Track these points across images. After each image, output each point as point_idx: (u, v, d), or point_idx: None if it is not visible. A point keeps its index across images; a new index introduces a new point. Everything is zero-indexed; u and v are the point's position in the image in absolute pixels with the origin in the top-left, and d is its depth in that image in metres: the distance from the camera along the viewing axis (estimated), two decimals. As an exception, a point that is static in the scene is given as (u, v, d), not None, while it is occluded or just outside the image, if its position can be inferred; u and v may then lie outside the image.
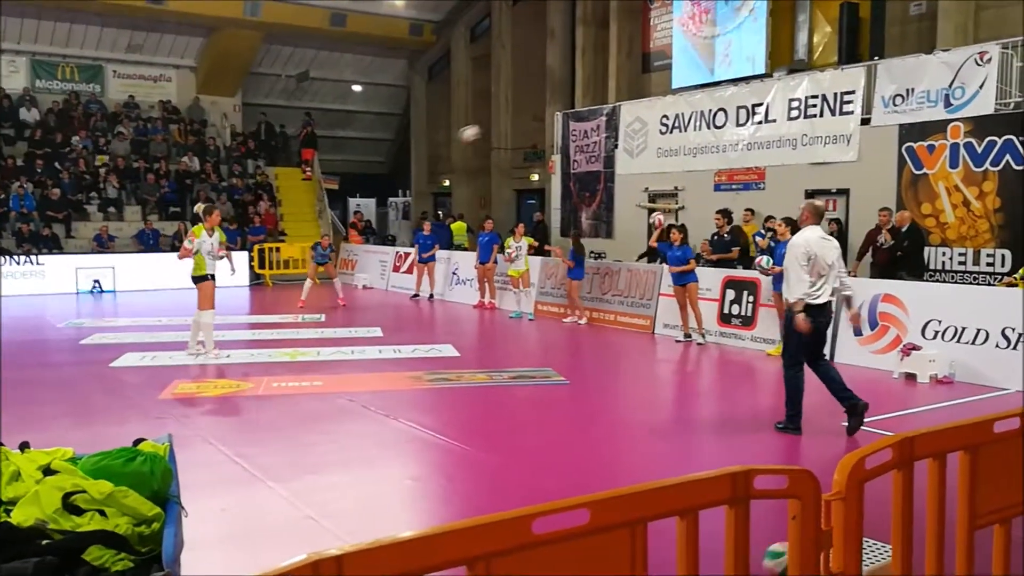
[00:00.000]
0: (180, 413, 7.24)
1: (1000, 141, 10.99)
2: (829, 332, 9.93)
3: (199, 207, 10.07)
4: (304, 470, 5.64)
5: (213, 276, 9.77)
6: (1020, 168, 10.81)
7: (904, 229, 10.74)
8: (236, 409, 7.50)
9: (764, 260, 10.32)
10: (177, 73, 24.82)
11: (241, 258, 19.92)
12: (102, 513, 2.76)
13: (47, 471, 2.94)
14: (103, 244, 19.13)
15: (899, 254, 10.61)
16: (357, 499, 5.14)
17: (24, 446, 3.20)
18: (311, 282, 15.65)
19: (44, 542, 2.62)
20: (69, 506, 2.76)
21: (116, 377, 8.84)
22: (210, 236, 9.66)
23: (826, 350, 7.13)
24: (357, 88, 28.05)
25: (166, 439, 3.39)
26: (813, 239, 6.50)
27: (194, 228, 9.70)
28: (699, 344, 11.27)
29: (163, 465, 3.05)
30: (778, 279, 10.07)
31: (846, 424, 6.59)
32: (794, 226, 10.16)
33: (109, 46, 23.46)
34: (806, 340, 6.50)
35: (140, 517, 2.79)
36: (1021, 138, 10.78)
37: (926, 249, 11.40)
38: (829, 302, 6.57)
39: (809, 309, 6.40)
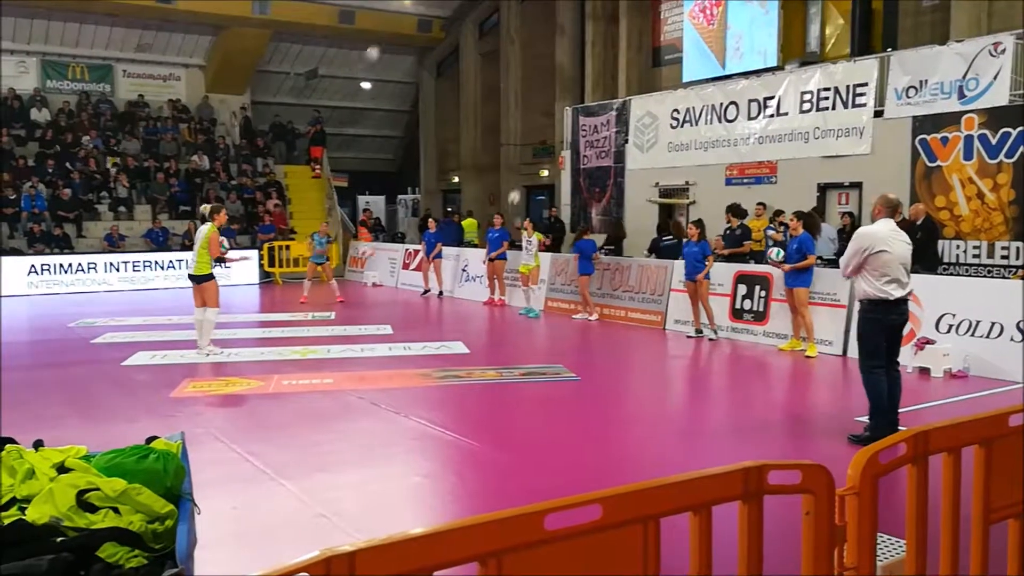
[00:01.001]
0: (191, 411, 7.27)
1: (1015, 133, 10.89)
2: (842, 325, 9.97)
3: (205, 208, 10.10)
4: (315, 468, 5.65)
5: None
6: (1034, 160, 10.72)
7: (918, 222, 10.65)
8: (247, 407, 7.52)
9: (774, 252, 10.28)
10: (186, 72, 24.89)
11: (251, 256, 20.02)
12: (116, 510, 2.77)
13: (61, 469, 2.95)
14: (113, 243, 19.22)
15: (913, 247, 10.53)
16: (368, 496, 5.15)
17: (38, 444, 3.21)
18: (309, 281, 15.87)
19: (58, 539, 2.63)
20: (83, 503, 2.77)
21: (128, 376, 8.88)
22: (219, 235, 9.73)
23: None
24: (366, 85, 28.06)
25: (179, 437, 3.39)
26: (884, 231, 6.13)
27: (210, 228, 9.71)
28: (711, 340, 11.23)
29: (176, 463, 3.05)
30: (791, 275, 10.05)
31: (857, 435, 6.22)
32: (806, 219, 10.16)
33: (118, 46, 23.56)
34: (880, 339, 6.12)
35: (153, 514, 2.79)
36: (1035, 129, 10.68)
37: (940, 242, 11.31)
38: (905, 298, 6.13)
39: (879, 305, 6.06)
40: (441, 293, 16.95)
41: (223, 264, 10.03)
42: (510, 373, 8.96)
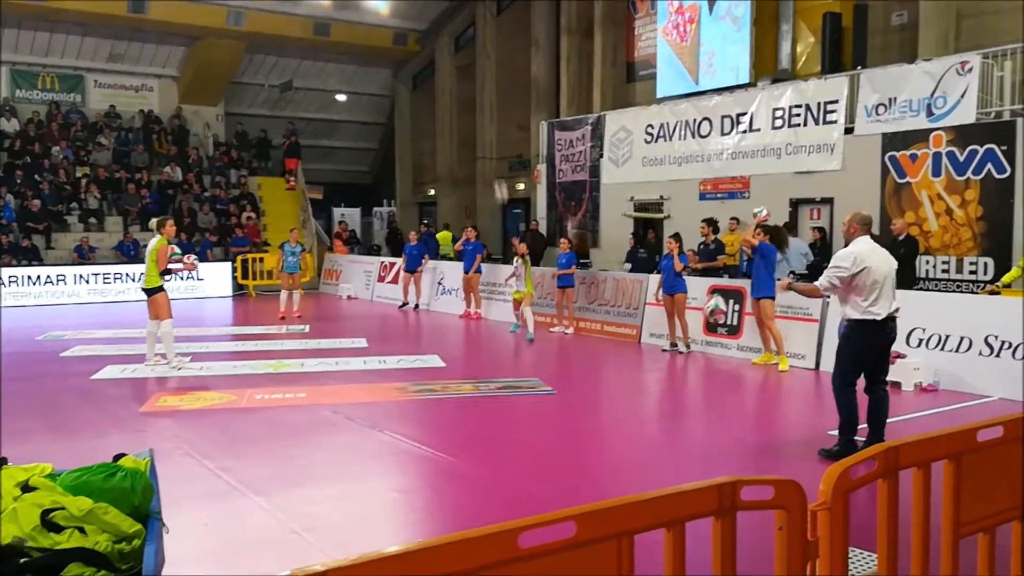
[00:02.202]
0: (162, 426, 7.18)
1: (982, 150, 11.08)
2: (814, 339, 10.05)
3: (153, 221, 10.08)
4: (288, 483, 5.59)
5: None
6: (1001, 177, 10.91)
7: (901, 238, 10.72)
8: (219, 422, 7.43)
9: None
10: (159, 83, 24.72)
11: (224, 269, 19.86)
12: (82, 530, 2.71)
13: (25, 488, 2.89)
14: (83, 255, 18.99)
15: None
16: (342, 512, 5.10)
17: (2, 462, 3.15)
18: (286, 293, 15.18)
19: (22, 560, 2.57)
20: (48, 523, 2.71)
21: (97, 390, 8.75)
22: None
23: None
24: (341, 98, 28.02)
25: (147, 454, 3.35)
26: (865, 251, 6.02)
27: (158, 241, 9.63)
28: (682, 353, 11.29)
29: (144, 481, 3.01)
30: (757, 286, 10.11)
31: (828, 449, 6.19)
32: (773, 233, 10.23)
33: (90, 56, 23.35)
34: (860, 359, 6.09)
35: (120, 534, 2.74)
36: (1002, 147, 10.87)
37: (917, 258, 11.41)
38: (892, 316, 6.04)
39: (865, 325, 5.98)
40: (417, 306, 16.90)
41: (170, 275, 9.91)
42: (486, 387, 8.94)
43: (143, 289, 9.83)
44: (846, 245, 6.28)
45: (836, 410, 6.29)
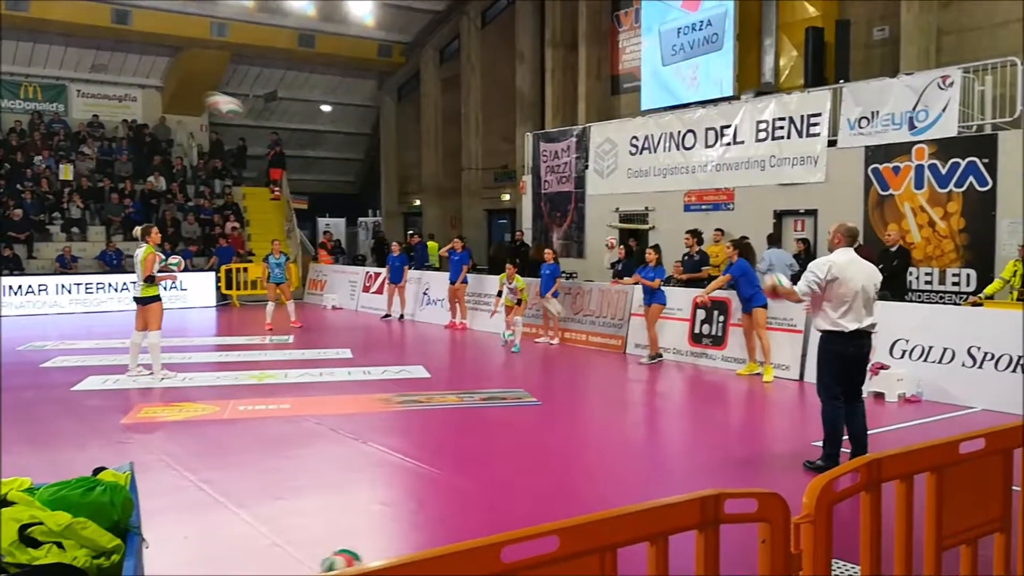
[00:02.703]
0: (143, 438, 7.11)
1: (963, 163, 11.19)
2: (799, 350, 10.09)
3: (137, 229, 10.04)
4: (270, 495, 5.55)
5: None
6: (983, 189, 11.02)
7: (893, 249, 10.70)
8: (201, 433, 7.37)
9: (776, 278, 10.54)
10: (143, 92, 24.64)
11: (208, 279, 19.75)
12: (60, 545, 2.68)
13: (2, 502, 2.85)
14: (65, 265, 18.84)
15: (886, 274, 10.66)
16: (325, 525, 5.06)
17: (-21, 476, 3.10)
18: (272, 304, 15.04)
19: (-2, 576, 2.54)
20: (25, 538, 2.68)
21: (78, 401, 8.67)
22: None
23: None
24: (326, 108, 28.01)
25: (127, 468, 3.31)
26: (840, 261, 6.02)
27: (146, 250, 9.59)
28: (643, 363, 11.42)
29: (123, 495, 2.97)
30: (747, 297, 10.17)
31: (812, 461, 6.22)
32: (743, 248, 10.29)
33: (73, 66, 23.26)
34: (835, 370, 6.07)
35: (99, 549, 2.71)
36: (984, 160, 10.98)
37: (909, 268, 11.44)
38: (861, 331, 6.01)
39: (835, 336, 6.00)
40: (402, 316, 16.85)
41: (155, 283, 9.83)
42: (471, 398, 8.92)
43: (138, 298, 9.71)
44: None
45: (815, 423, 6.31)
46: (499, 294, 13.31)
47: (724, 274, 10.48)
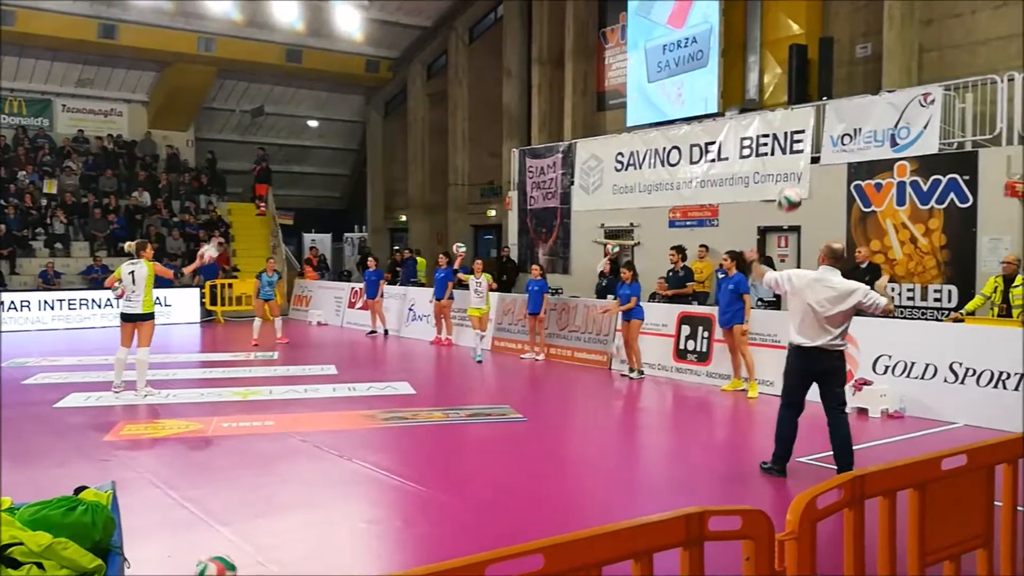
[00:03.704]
0: (126, 455, 7.05)
1: (945, 180, 11.31)
2: (782, 367, 10.10)
3: (131, 245, 10.03)
4: (254, 513, 5.51)
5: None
6: (964, 206, 11.13)
7: (863, 266, 10.89)
8: (184, 451, 7.32)
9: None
10: (128, 107, 24.55)
11: (192, 295, 19.65)
12: (40, 566, 2.65)
13: (-19, 522, 2.82)
14: (49, 281, 18.71)
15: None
16: (309, 543, 5.03)
17: (-42, 496, 3.08)
18: (259, 320, 15.15)
19: (-24, 597, 2.51)
20: (5, 559, 2.65)
21: (60, 419, 8.59)
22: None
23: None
24: (313, 123, 28.01)
25: (109, 486, 3.29)
26: (808, 276, 6.26)
27: (150, 265, 9.59)
28: (624, 376, 11.50)
29: (105, 514, 2.95)
30: (725, 314, 10.22)
31: (764, 463, 6.55)
32: (739, 260, 10.36)
33: (59, 80, 23.18)
34: (794, 382, 6.34)
35: (80, 569, 2.69)
36: (965, 177, 11.10)
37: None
38: (821, 348, 6.13)
39: (795, 350, 6.28)
40: (387, 332, 16.81)
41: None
42: (456, 414, 8.89)
43: (137, 315, 9.53)
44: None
45: (806, 437, 6.40)
46: (465, 286, 13.91)
47: (724, 286, 10.42)
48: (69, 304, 18.09)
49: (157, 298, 10.63)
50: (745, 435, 8.79)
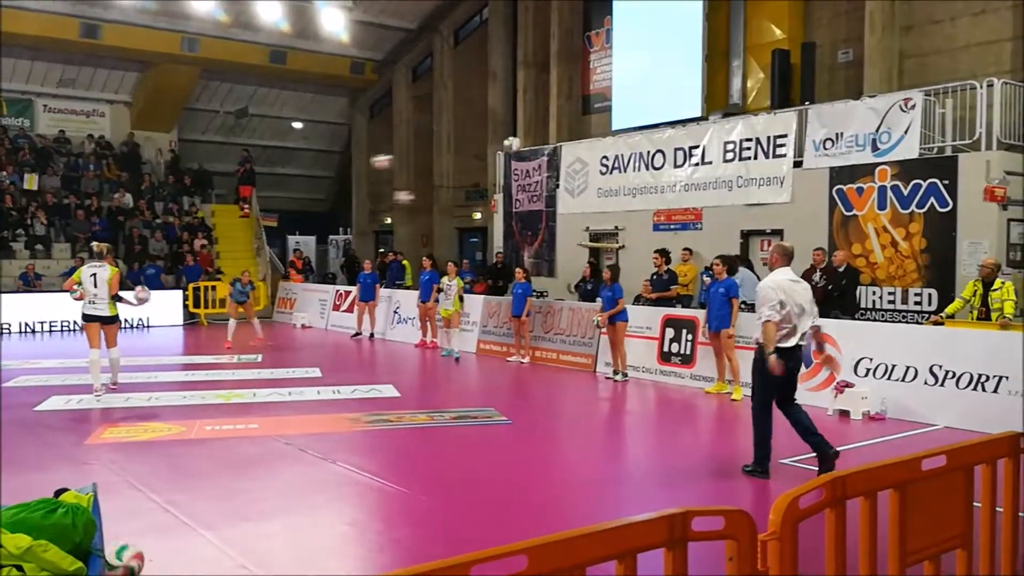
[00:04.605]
0: (108, 459, 6.99)
1: (925, 184, 11.40)
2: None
3: (99, 246, 10.15)
4: (237, 517, 5.48)
5: None
6: (944, 210, 11.23)
7: (841, 269, 11.01)
8: (167, 454, 7.27)
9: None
10: (111, 108, 24.39)
11: (175, 297, 19.52)
12: (20, 568, 2.63)
13: (-39, 525, 2.80)
14: (29, 282, 18.53)
15: (835, 293, 10.89)
16: (292, 547, 5.01)
17: (-63, 498, 3.05)
18: (234, 321, 15.23)
19: (-45, 601, 2.49)
20: (-16, 562, 2.63)
21: (41, 422, 8.51)
22: None
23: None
24: (297, 125, 27.91)
25: (90, 489, 3.27)
26: (783, 282, 6.44)
27: (113, 269, 9.76)
28: (610, 379, 11.51)
29: (86, 516, 2.93)
30: (715, 318, 10.27)
31: (747, 466, 6.65)
32: (730, 264, 10.45)
33: (40, 80, 23.00)
34: (772, 382, 6.42)
35: (60, 572, 2.67)
36: (944, 182, 11.20)
37: (857, 288, 11.71)
38: (799, 346, 6.46)
39: (778, 352, 6.33)
40: (372, 335, 16.78)
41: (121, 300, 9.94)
42: (441, 417, 8.89)
43: (104, 316, 9.67)
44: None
45: (789, 439, 6.44)
46: (440, 290, 14.16)
47: (715, 290, 10.43)
48: (50, 306, 17.87)
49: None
50: (729, 437, 8.82)
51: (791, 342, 6.38)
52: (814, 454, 6.52)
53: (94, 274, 9.64)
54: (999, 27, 13.06)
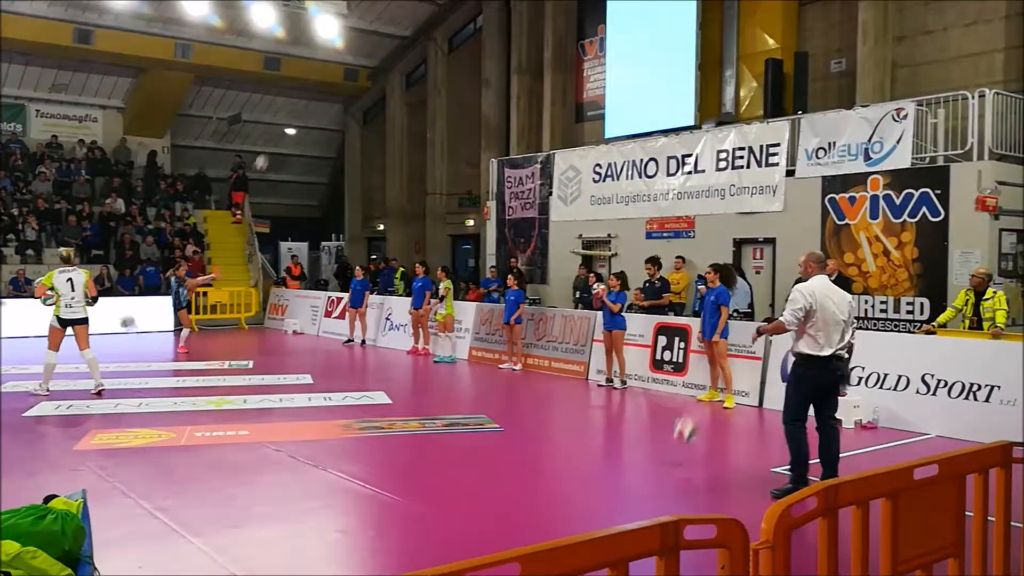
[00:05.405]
0: (97, 465, 6.95)
1: (917, 194, 11.45)
2: (758, 377, 10.20)
3: (68, 251, 10.33)
4: (227, 524, 5.45)
5: None
6: (936, 220, 11.28)
7: (832, 278, 11.02)
8: (157, 460, 7.23)
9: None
10: (103, 113, 24.35)
11: (165, 303, 19.43)
12: (8, 575, 2.61)
13: (-52, 531, 2.77)
14: (19, 288, 18.44)
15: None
16: (282, 554, 4.99)
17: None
18: (187, 330, 15.77)
19: (-59, 608, 2.46)
20: (-29, 568, 2.61)
21: (30, 427, 8.47)
22: None
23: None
24: (291, 131, 27.90)
25: (80, 495, 3.24)
26: (817, 289, 6.19)
27: (87, 272, 10.05)
28: (611, 386, 11.49)
29: (75, 523, 2.91)
30: (709, 327, 10.28)
31: (780, 488, 6.25)
32: (723, 272, 10.45)
33: (32, 85, 22.94)
34: (803, 391, 6.22)
35: (49, 579, 2.65)
36: (936, 191, 11.25)
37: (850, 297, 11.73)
38: (836, 355, 6.15)
39: (810, 360, 6.13)
40: (364, 342, 16.76)
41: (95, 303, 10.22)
42: (433, 424, 8.86)
43: (79, 319, 9.94)
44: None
45: (782, 447, 6.39)
46: (441, 298, 14.23)
47: (707, 298, 10.41)
48: (40, 311, 17.78)
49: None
50: (722, 445, 8.82)
51: (822, 351, 6.10)
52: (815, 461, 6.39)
53: (70, 279, 9.69)
54: (991, 38, 13.15)
